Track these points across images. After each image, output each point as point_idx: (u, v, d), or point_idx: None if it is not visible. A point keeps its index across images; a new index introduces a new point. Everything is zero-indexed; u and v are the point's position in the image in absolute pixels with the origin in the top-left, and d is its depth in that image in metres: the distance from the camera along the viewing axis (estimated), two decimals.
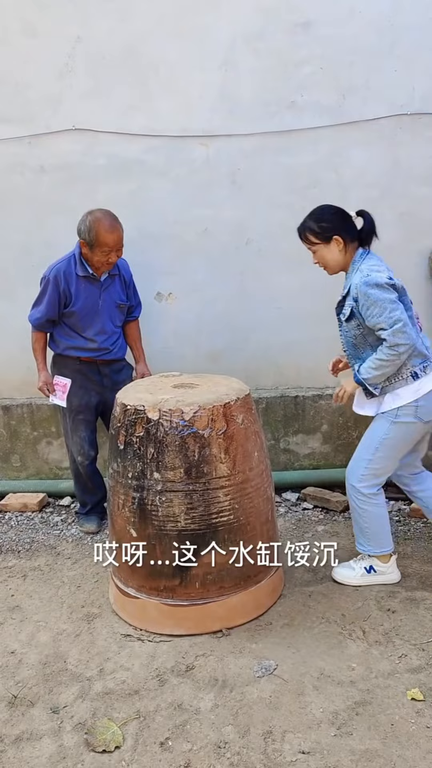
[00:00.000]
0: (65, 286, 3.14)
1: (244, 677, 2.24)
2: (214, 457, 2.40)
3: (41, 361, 3.32)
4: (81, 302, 3.18)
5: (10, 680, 2.30)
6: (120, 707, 2.14)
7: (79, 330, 3.24)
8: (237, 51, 3.38)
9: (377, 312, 2.46)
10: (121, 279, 3.30)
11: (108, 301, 3.24)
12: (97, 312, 3.22)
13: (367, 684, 2.18)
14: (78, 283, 3.16)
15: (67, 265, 3.16)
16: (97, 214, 3.04)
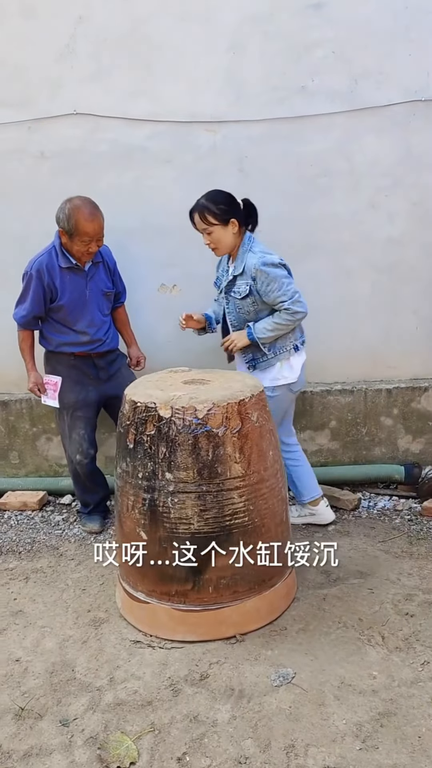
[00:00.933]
0: (49, 279, 3.02)
1: (261, 686, 2.15)
2: (229, 456, 2.30)
3: (30, 360, 3.20)
4: (68, 295, 3.06)
5: (16, 690, 2.20)
6: (133, 719, 2.04)
7: (69, 324, 3.12)
8: (245, 33, 3.26)
9: (276, 287, 2.80)
10: (105, 266, 3.21)
11: (95, 290, 3.14)
12: (85, 303, 3.11)
13: (390, 693, 2.09)
14: (62, 276, 3.04)
15: (49, 257, 3.03)
16: (76, 201, 2.93)
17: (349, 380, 3.68)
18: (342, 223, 3.46)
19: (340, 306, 3.56)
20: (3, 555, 3.13)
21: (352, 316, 3.58)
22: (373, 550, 3.00)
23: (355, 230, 3.46)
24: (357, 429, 3.65)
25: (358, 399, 3.61)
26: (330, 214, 3.45)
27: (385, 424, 3.63)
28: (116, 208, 3.47)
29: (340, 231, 3.47)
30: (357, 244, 3.47)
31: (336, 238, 3.47)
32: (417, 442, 3.65)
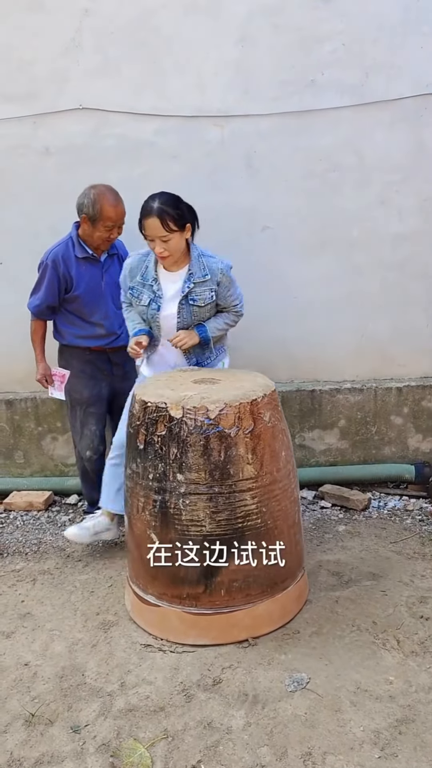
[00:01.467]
0: (65, 269, 2.99)
1: (275, 692, 2.11)
2: (241, 457, 2.25)
3: (40, 351, 3.17)
4: (84, 285, 3.02)
5: (26, 696, 2.16)
6: (145, 726, 2.00)
7: (84, 316, 3.07)
8: (255, 26, 3.20)
9: (233, 291, 2.79)
10: (119, 259, 3.15)
11: (110, 282, 3.09)
12: (101, 294, 3.07)
13: (407, 699, 2.05)
14: (78, 266, 3.01)
15: (65, 248, 3.01)
16: (101, 187, 2.93)
17: (358, 378, 3.64)
18: (351, 219, 3.41)
19: (349, 303, 3.51)
20: (10, 556, 3.09)
21: (361, 314, 3.53)
22: (384, 551, 2.96)
23: (364, 226, 3.41)
24: (367, 428, 3.61)
25: (367, 397, 3.57)
26: (339, 209, 3.40)
27: (395, 423, 3.59)
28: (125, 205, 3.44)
29: (350, 227, 3.42)
30: (366, 241, 3.43)
31: (345, 234, 3.42)
32: (427, 441, 3.61)
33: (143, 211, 2.60)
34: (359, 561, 2.88)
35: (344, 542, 3.05)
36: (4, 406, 3.72)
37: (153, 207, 2.57)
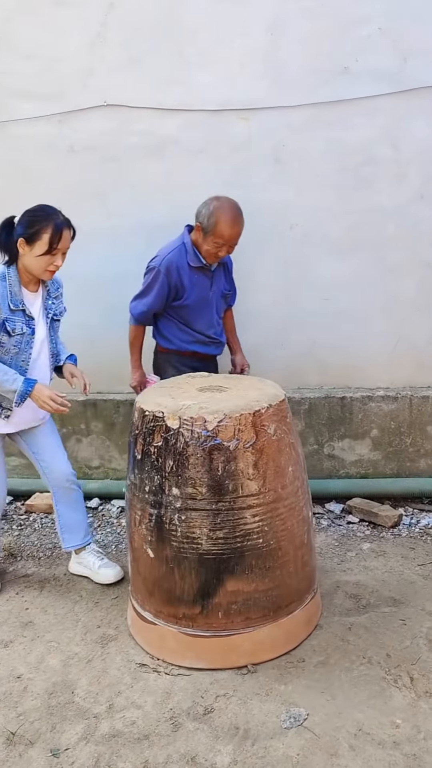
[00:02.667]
0: (177, 278, 2.86)
1: (269, 727, 1.96)
2: (241, 472, 2.10)
3: (138, 357, 3.07)
4: (195, 295, 2.90)
5: (12, 711, 2.09)
6: (126, 755, 1.89)
7: (188, 324, 2.96)
8: (286, 11, 3.04)
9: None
10: (224, 267, 3.04)
11: (217, 291, 2.99)
12: (207, 304, 2.96)
13: (413, 747, 1.86)
14: (191, 275, 2.87)
15: (178, 255, 2.86)
16: (224, 202, 2.76)
17: (392, 386, 3.41)
18: (387, 216, 3.19)
19: (383, 305, 3.28)
20: (23, 560, 3.05)
21: (396, 316, 3.30)
22: (410, 574, 2.74)
23: (400, 223, 3.18)
24: (401, 439, 3.37)
25: (402, 406, 3.33)
26: (374, 205, 3.19)
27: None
28: (147, 203, 3.36)
29: (385, 224, 3.20)
30: (403, 238, 3.20)
31: (380, 231, 3.21)
32: None
33: (58, 222, 2.39)
34: (381, 584, 2.67)
35: (367, 562, 2.85)
36: None
37: (64, 219, 2.42)
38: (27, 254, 2.40)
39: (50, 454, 2.71)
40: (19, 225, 2.41)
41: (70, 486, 2.74)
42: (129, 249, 3.40)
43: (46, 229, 2.36)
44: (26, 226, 2.38)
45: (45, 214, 2.40)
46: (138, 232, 3.38)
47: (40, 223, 2.37)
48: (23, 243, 2.39)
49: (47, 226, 2.36)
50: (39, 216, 2.39)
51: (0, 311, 2.40)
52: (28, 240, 2.38)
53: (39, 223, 2.37)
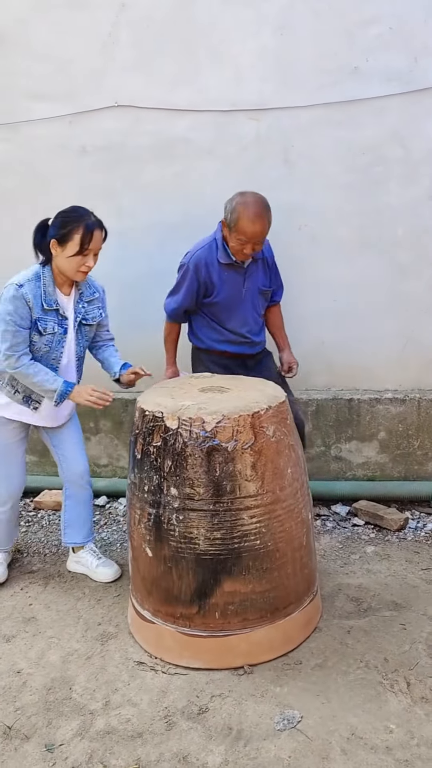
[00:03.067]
0: (206, 275, 2.82)
1: (262, 728, 1.96)
2: (239, 473, 2.11)
3: (172, 354, 3.07)
4: (225, 292, 2.85)
5: (10, 706, 2.12)
6: (119, 752, 1.91)
7: (221, 322, 2.92)
8: (295, 11, 3.03)
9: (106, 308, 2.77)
10: (264, 262, 2.94)
11: (251, 288, 2.90)
12: (240, 301, 2.89)
13: (406, 753, 1.84)
14: (221, 272, 2.82)
15: (209, 251, 2.83)
16: (248, 197, 2.69)
17: (401, 388, 3.38)
18: (396, 216, 3.17)
19: (391, 306, 3.26)
20: (29, 556, 3.09)
21: (405, 318, 3.27)
22: (413, 578, 2.72)
23: (410, 223, 3.16)
24: (408, 441, 3.35)
25: (410, 408, 3.31)
26: (383, 206, 3.16)
27: None
28: (158, 203, 3.37)
29: (394, 225, 3.17)
30: (412, 239, 3.17)
31: (389, 232, 3.18)
32: None
33: (89, 223, 2.42)
34: (383, 587, 2.66)
35: (370, 565, 2.84)
36: None
37: (96, 220, 2.46)
38: (59, 255, 2.43)
39: (69, 451, 2.78)
40: (52, 226, 2.45)
41: (82, 484, 2.78)
42: (140, 249, 3.42)
43: (78, 229, 2.39)
44: (58, 227, 2.42)
45: (77, 215, 2.43)
46: (149, 232, 3.40)
47: (71, 223, 2.40)
48: (55, 244, 2.42)
49: (78, 226, 2.39)
50: (71, 217, 2.42)
51: (32, 310, 2.44)
52: (60, 241, 2.41)
53: (70, 223, 2.40)
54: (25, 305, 2.42)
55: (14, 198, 3.48)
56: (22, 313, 2.42)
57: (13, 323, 2.41)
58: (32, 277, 2.45)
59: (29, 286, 2.43)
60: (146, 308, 3.36)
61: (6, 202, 3.49)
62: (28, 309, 2.43)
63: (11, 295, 2.40)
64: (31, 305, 2.43)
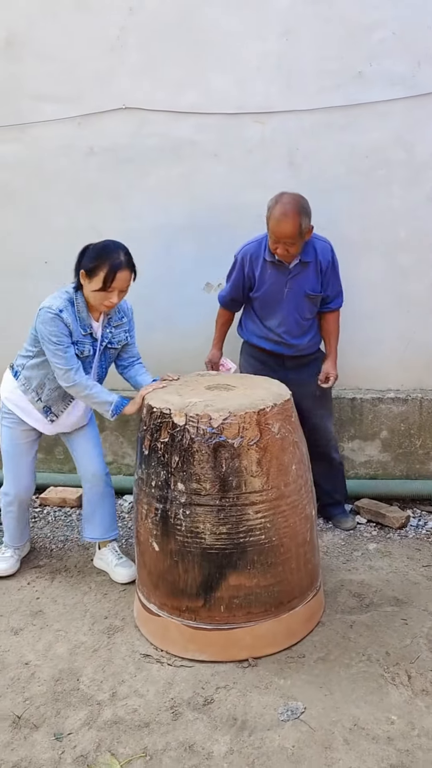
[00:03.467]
0: (250, 269, 2.91)
1: (266, 719, 2.00)
2: (245, 469, 2.15)
3: (217, 337, 3.16)
4: (264, 289, 2.91)
5: (19, 696, 2.17)
6: (127, 741, 1.95)
7: (261, 318, 3.00)
8: (300, 17, 3.08)
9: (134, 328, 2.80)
10: (316, 266, 2.90)
11: (296, 289, 2.90)
12: (280, 301, 2.91)
13: (407, 743, 1.89)
14: (264, 268, 2.88)
15: (257, 247, 2.90)
16: (282, 197, 2.72)
17: (403, 388, 3.42)
18: (399, 219, 3.21)
19: (394, 308, 3.31)
20: (35, 552, 3.13)
21: (407, 319, 3.32)
22: (414, 575, 2.76)
23: (412, 226, 3.20)
24: (410, 441, 3.39)
25: (412, 408, 3.35)
26: (386, 208, 3.21)
27: None
28: (164, 205, 3.42)
29: (397, 227, 3.22)
30: (414, 241, 3.22)
31: (392, 234, 3.23)
32: None
33: (116, 263, 2.42)
34: (384, 584, 2.70)
35: (372, 562, 2.88)
36: None
37: (125, 260, 2.45)
38: (86, 286, 2.47)
39: (83, 452, 2.82)
40: (84, 256, 2.48)
41: (96, 483, 2.80)
42: (145, 249, 3.43)
43: (103, 267, 2.41)
44: (89, 260, 2.45)
45: (106, 252, 2.43)
46: (154, 233, 3.45)
47: (99, 259, 2.42)
48: (84, 275, 2.45)
49: (105, 264, 2.41)
50: (100, 253, 2.43)
51: (72, 335, 2.48)
52: (87, 273, 2.44)
53: (99, 259, 2.42)
54: (66, 328, 2.45)
55: (21, 197, 3.53)
56: (64, 331, 2.45)
57: (59, 342, 2.45)
58: (67, 304, 2.48)
59: (67, 313, 2.45)
60: (152, 308, 3.41)
61: (13, 201, 3.53)
62: (68, 331, 2.46)
63: (50, 317, 2.43)
64: (71, 329, 2.47)
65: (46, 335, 2.46)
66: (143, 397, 2.40)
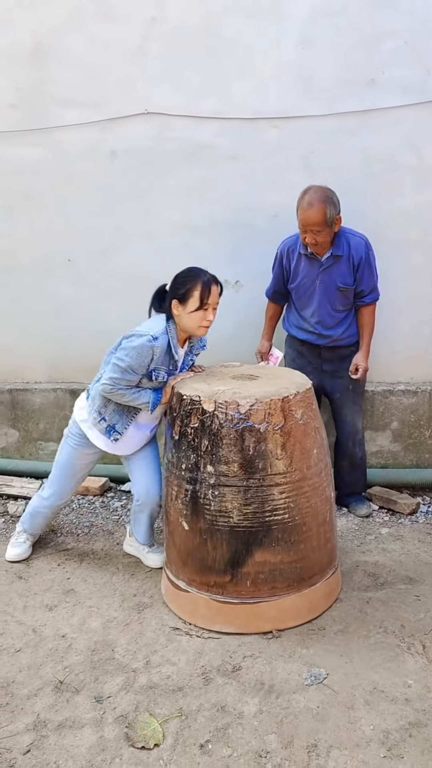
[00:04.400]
0: (287, 262, 3.14)
1: (291, 684, 2.15)
2: (270, 452, 2.30)
3: (266, 329, 3.37)
4: (298, 280, 3.12)
5: (59, 664, 2.32)
6: (163, 703, 2.10)
7: (298, 308, 3.21)
8: (316, 27, 3.22)
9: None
10: (348, 260, 3.03)
11: (327, 282, 3.05)
12: (312, 293, 3.10)
13: (423, 704, 2.04)
14: (299, 260, 3.10)
15: (294, 241, 3.11)
16: (310, 187, 2.93)
17: (413, 381, 3.57)
18: (410, 220, 3.36)
19: (405, 304, 3.46)
20: (63, 536, 3.28)
21: (418, 315, 3.47)
22: (426, 556, 2.92)
23: (423, 226, 3.35)
24: (420, 431, 3.54)
25: (422, 400, 3.50)
26: (397, 210, 3.36)
27: None
28: (184, 206, 3.56)
29: (408, 227, 3.37)
30: (425, 241, 3.37)
31: (403, 234, 3.38)
32: None
33: (206, 280, 2.53)
34: (397, 564, 2.85)
35: (385, 545, 3.03)
36: (69, 395, 3.93)
37: (211, 276, 2.56)
38: (181, 313, 2.54)
39: (135, 475, 2.83)
40: (171, 289, 2.58)
41: (139, 504, 2.83)
42: (165, 248, 3.62)
43: (196, 287, 2.51)
44: (177, 288, 2.55)
45: (192, 274, 2.55)
46: (174, 233, 3.59)
47: (189, 282, 2.53)
48: (176, 304, 2.54)
49: (196, 284, 2.52)
50: (187, 277, 2.55)
51: (153, 361, 2.52)
52: (180, 300, 2.53)
53: (188, 282, 2.53)
54: (151, 356, 2.50)
55: (46, 199, 3.68)
56: (144, 362, 2.50)
57: (130, 371, 2.50)
58: (164, 331, 2.55)
59: (161, 340, 2.52)
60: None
61: (38, 203, 3.68)
62: (151, 360, 2.51)
63: (141, 344, 2.49)
64: (155, 356, 2.51)
65: (124, 358, 2.50)
66: (172, 387, 2.54)
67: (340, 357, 3.19)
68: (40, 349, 3.93)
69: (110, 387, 2.55)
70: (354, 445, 3.28)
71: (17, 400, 3.95)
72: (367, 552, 2.97)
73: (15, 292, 3.84)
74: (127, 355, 2.50)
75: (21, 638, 2.47)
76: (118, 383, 2.53)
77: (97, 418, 2.69)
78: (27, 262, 3.77)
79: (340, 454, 3.34)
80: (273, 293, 3.29)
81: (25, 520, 3.04)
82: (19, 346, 3.93)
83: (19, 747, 1.95)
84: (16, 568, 2.96)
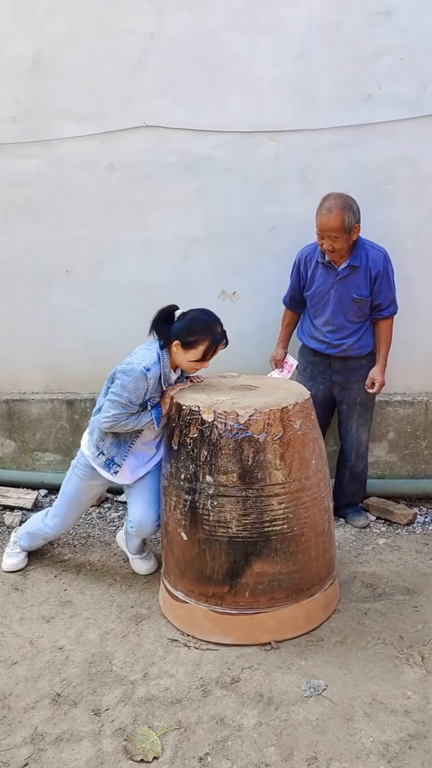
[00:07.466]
0: (304, 269, 3.16)
1: (291, 695, 2.15)
2: (269, 463, 2.31)
3: (282, 336, 3.38)
4: (314, 288, 3.13)
5: (56, 677, 2.30)
6: (161, 715, 2.09)
7: (312, 315, 3.22)
8: (312, 43, 3.26)
9: None
10: (365, 272, 3.02)
11: (342, 292, 3.05)
12: (327, 302, 3.10)
13: (423, 715, 2.03)
14: (316, 268, 3.11)
15: (314, 248, 3.13)
16: (330, 195, 2.95)
17: (409, 392, 3.59)
18: (406, 232, 3.39)
19: (401, 315, 3.44)
20: (60, 547, 3.26)
21: (413, 326, 3.49)
22: (423, 567, 2.92)
23: (418, 238, 3.39)
24: (416, 442, 3.56)
25: (418, 411, 3.52)
26: (393, 222, 3.38)
27: None
28: (182, 218, 3.58)
29: (404, 239, 3.40)
30: (420, 252, 3.40)
31: (399, 246, 3.39)
32: None
33: (216, 338, 2.51)
34: (395, 575, 2.85)
35: (383, 555, 3.03)
36: (65, 405, 3.93)
37: (221, 332, 2.54)
38: (180, 355, 2.52)
39: (137, 498, 2.76)
40: (180, 325, 2.52)
41: (131, 531, 2.78)
42: (162, 259, 3.64)
43: (204, 342, 2.48)
44: (185, 332, 2.49)
45: (205, 326, 2.50)
46: (172, 244, 3.61)
47: (199, 333, 2.48)
48: (179, 345, 2.49)
49: (205, 339, 2.48)
50: (199, 327, 2.49)
51: (148, 391, 2.50)
52: (184, 345, 2.49)
53: (198, 333, 2.48)
54: (146, 387, 2.48)
55: (45, 211, 3.70)
56: (140, 393, 2.48)
57: (129, 404, 2.48)
58: (156, 361, 2.51)
59: (154, 370, 2.49)
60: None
61: (37, 214, 3.70)
62: (146, 389, 2.49)
63: (136, 377, 2.46)
64: (149, 386, 2.49)
65: (121, 391, 2.48)
66: (171, 397, 2.54)
67: (349, 368, 3.17)
68: (37, 360, 3.93)
69: (113, 423, 2.53)
70: (357, 457, 3.29)
71: (14, 410, 3.95)
72: (364, 563, 2.97)
73: (13, 302, 3.84)
74: (125, 389, 2.47)
75: (18, 650, 2.45)
76: (120, 418, 2.51)
77: (96, 453, 2.66)
78: (25, 273, 3.78)
79: (342, 465, 3.35)
80: (290, 300, 3.30)
81: (23, 538, 3.02)
82: (16, 356, 3.93)
83: (17, 761, 1.93)
84: (12, 579, 2.94)
